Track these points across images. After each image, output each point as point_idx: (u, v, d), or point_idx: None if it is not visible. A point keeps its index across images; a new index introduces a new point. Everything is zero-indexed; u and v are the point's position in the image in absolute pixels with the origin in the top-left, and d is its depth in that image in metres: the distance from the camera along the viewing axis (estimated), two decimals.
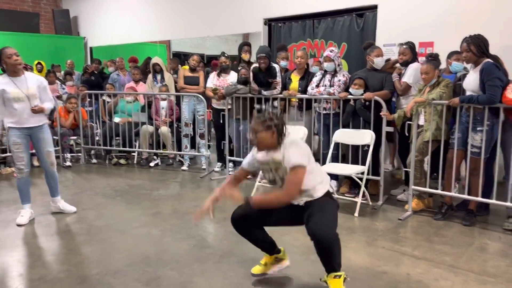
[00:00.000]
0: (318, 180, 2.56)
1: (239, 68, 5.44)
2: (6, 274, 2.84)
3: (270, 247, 2.79)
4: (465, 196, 3.79)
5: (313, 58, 6.36)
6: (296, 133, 4.71)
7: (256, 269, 2.81)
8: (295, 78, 5.04)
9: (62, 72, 8.13)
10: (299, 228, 3.71)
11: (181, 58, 10.22)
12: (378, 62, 4.51)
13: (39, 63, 8.21)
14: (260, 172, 2.63)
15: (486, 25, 4.59)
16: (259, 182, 4.77)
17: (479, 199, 3.71)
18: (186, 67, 6.29)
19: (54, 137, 6.12)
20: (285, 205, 2.53)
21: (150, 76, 6.44)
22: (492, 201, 3.66)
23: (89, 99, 6.58)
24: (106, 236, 3.51)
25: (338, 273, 2.53)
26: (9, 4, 9.85)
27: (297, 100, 4.93)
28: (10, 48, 3.67)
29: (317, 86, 4.68)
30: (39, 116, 3.82)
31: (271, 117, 2.51)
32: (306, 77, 4.96)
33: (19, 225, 3.73)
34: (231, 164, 5.68)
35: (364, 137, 4.26)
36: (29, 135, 3.81)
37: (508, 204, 3.54)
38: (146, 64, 7.24)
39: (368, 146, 4.21)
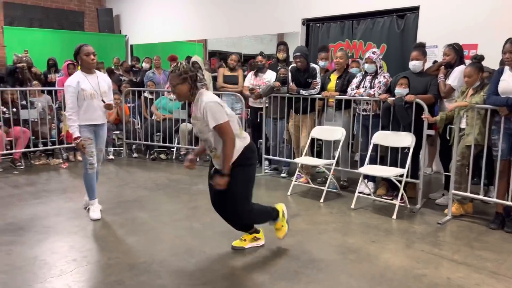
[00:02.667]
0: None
1: (278, 68, 5.51)
2: (61, 258, 3.03)
3: (246, 228, 3.21)
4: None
5: (350, 59, 6.36)
6: (334, 133, 4.76)
7: (236, 243, 3.23)
8: (333, 78, 5.07)
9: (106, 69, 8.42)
10: (335, 226, 3.76)
11: (216, 56, 10.41)
12: (411, 66, 4.46)
13: None
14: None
15: None
16: (295, 181, 4.86)
17: None
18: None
19: None
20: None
21: None
22: None
23: (133, 96, 6.83)
24: (150, 227, 3.67)
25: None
26: (57, 3, 10.31)
27: (334, 100, 4.93)
28: (89, 46, 3.74)
29: (357, 87, 4.70)
30: (103, 114, 3.88)
31: (185, 70, 2.71)
32: (344, 76, 4.98)
33: (95, 220, 3.78)
34: (266, 162, 5.77)
35: (404, 139, 4.24)
36: (94, 131, 3.83)
37: None
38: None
39: (408, 148, 4.19)
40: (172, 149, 6.63)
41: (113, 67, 8.51)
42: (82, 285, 2.65)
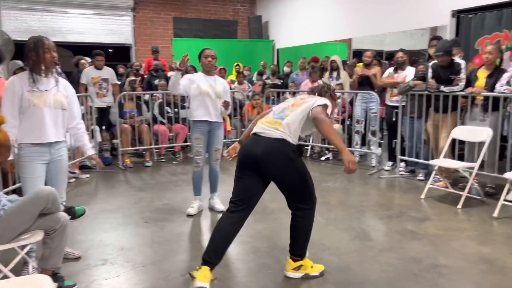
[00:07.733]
0: None
1: (417, 64, 5.24)
2: (202, 236, 3.54)
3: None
4: None
5: (510, 52, 5.63)
6: (478, 134, 4.34)
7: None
8: (481, 75, 4.59)
9: (255, 73, 9.14)
10: (471, 234, 3.47)
11: (361, 55, 10.25)
12: None
13: (237, 65, 9.46)
14: None
15: None
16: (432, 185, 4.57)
17: None
18: (361, 64, 6.38)
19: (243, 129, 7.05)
20: None
21: (326, 74, 6.76)
22: None
23: (272, 97, 7.31)
24: (277, 216, 3.96)
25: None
26: (215, 15, 11.57)
27: (483, 99, 4.48)
28: (210, 50, 3.99)
29: (508, 83, 4.18)
30: (219, 114, 3.99)
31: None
32: (496, 74, 4.46)
33: (188, 215, 4.01)
34: (402, 164, 5.54)
35: None
36: (208, 131, 4.00)
37: None
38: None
39: None
40: (306, 148, 6.86)
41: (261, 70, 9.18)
42: None
